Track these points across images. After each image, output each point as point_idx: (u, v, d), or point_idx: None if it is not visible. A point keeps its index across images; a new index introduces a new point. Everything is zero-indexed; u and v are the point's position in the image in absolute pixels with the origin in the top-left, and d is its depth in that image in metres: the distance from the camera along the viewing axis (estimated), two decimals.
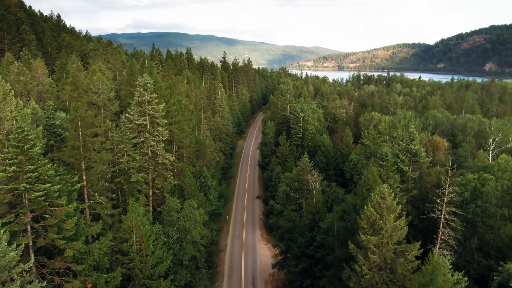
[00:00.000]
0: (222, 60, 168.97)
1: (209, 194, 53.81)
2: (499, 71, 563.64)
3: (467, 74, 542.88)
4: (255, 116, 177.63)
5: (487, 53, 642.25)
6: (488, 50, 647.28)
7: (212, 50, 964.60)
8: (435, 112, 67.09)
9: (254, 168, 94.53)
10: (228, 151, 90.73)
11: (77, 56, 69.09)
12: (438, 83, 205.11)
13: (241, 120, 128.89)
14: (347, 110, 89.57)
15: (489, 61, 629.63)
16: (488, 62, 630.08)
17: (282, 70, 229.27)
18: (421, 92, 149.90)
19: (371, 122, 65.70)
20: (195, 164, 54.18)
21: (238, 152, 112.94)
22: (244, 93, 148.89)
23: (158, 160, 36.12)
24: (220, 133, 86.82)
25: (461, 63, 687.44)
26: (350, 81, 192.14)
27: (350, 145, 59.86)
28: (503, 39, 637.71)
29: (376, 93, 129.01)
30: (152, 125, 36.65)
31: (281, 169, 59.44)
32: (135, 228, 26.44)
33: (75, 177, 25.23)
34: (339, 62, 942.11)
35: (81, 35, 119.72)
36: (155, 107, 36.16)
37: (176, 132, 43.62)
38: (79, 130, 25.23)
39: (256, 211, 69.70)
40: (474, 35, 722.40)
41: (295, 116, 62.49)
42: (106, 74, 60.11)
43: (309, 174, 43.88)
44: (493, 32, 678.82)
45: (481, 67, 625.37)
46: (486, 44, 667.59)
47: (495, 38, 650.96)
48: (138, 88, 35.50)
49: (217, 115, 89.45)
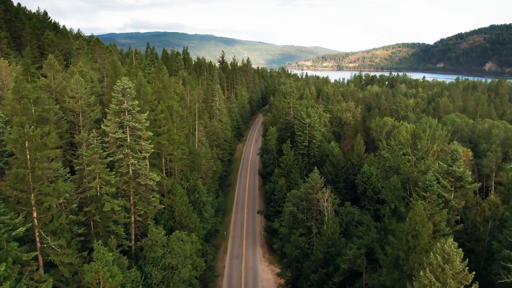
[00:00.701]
0: (221, 60, 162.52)
1: (204, 212, 47.55)
2: (499, 71, 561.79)
3: (467, 74, 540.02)
4: (255, 118, 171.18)
5: (486, 53, 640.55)
6: (488, 49, 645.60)
7: (210, 50, 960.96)
8: (454, 117, 60.92)
9: (254, 175, 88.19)
10: (226, 157, 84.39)
11: (61, 55, 62.57)
12: (443, 83, 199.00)
13: (240, 123, 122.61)
14: (353, 114, 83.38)
15: (489, 61, 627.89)
16: (488, 62, 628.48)
17: (282, 70, 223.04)
18: (427, 93, 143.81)
19: (383, 128, 59.51)
20: (188, 177, 47.94)
21: (237, 157, 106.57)
22: (243, 94, 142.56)
23: (141, 181, 29.74)
24: (218, 138, 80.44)
25: (460, 63, 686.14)
26: (352, 82, 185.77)
27: (362, 155, 53.67)
28: (502, 38, 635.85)
29: (382, 95, 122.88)
30: (133, 139, 30.28)
31: (285, 182, 53.21)
32: (103, 280, 20.08)
33: (20, 215, 18.83)
34: (338, 62, 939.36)
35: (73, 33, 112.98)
36: (136, 117, 29.78)
37: (165, 143, 37.29)
38: (26, 153, 18.84)
39: (257, 226, 63.36)
40: (473, 34, 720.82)
41: (300, 122, 56.22)
42: (89, 76, 53.64)
43: (319, 192, 37.64)
44: (492, 32, 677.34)
45: (480, 66, 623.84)
46: (485, 43, 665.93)
47: (495, 37, 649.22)
48: (115, 94, 29.13)
49: (214, 118, 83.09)
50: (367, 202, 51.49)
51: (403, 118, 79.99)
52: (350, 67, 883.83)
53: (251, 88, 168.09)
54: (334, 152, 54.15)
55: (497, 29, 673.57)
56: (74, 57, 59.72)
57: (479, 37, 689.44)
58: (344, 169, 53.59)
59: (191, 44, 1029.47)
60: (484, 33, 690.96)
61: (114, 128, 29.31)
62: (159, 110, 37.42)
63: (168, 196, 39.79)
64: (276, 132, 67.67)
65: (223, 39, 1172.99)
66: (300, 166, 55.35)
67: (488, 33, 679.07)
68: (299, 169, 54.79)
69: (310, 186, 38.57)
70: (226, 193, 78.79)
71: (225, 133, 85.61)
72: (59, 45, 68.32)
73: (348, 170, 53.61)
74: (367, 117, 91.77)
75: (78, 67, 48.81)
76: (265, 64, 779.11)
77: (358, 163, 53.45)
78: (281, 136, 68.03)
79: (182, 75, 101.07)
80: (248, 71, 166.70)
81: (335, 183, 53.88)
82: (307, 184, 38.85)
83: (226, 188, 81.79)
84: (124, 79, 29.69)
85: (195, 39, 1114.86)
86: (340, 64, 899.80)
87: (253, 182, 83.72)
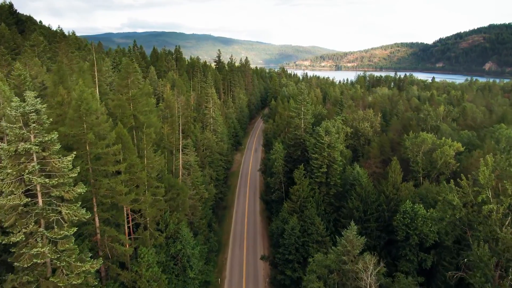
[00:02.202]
0: (217, 60, 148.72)
1: (189, 270, 34.33)
2: (499, 70, 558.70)
3: (467, 73, 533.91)
4: (254, 122, 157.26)
5: (486, 53, 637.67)
6: (488, 49, 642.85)
7: (208, 49, 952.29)
8: (508, 131, 47.92)
9: (255, 196, 74.81)
10: (222, 175, 70.98)
11: (7, 53, 48.78)
12: (453, 84, 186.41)
13: (238, 130, 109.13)
14: (372, 123, 70.13)
15: (488, 61, 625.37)
16: (487, 61, 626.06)
17: (282, 70, 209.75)
18: (442, 97, 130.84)
19: (421, 147, 46.49)
20: (167, 221, 34.73)
21: (235, 170, 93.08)
22: (241, 97, 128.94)
23: (59, 283, 16.29)
24: (212, 153, 66.96)
25: (460, 62, 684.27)
26: (358, 83, 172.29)
27: (399, 186, 40.72)
28: (502, 38, 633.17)
29: (396, 98, 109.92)
30: (48, 202, 16.88)
31: (297, 221, 40.04)
32: None
33: None
34: (336, 62, 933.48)
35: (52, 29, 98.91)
36: (52, 165, 16.41)
37: (121, 189, 23.91)
38: None
39: (260, 271, 49.98)
40: (473, 34, 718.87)
41: (317, 142, 42.92)
42: (38, 82, 40.05)
43: (360, 261, 24.54)
44: (492, 31, 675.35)
45: (480, 66, 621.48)
46: (485, 43, 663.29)
47: (494, 37, 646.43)
48: (9, 125, 15.75)
49: (207, 129, 69.64)
50: (408, 250, 38.60)
51: (432, 129, 67.06)
52: (348, 67, 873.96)
53: (250, 90, 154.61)
54: (362, 181, 41.15)
55: (496, 28, 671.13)
56: (24, 56, 45.99)
57: (478, 37, 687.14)
58: (375, 204, 40.60)
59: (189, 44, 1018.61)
60: (483, 33, 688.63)
61: (9, 186, 15.88)
62: (113, 136, 24.03)
63: (131, 264, 26.37)
64: (283, 149, 54.39)
65: (221, 39, 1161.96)
66: (317, 199, 42.17)
67: (487, 33, 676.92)
68: (315, 203, 41.66)
69: (345, 251, 25.38)
70: (221, 219, 65.45)
71: (220, 146, 72.21)
72: (11, 40, 54.48)
73: (381, 206, 40.65)
74: (385, 127, 78.72)
75: (17, 69, 35.22)
76: (263, 64, 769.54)
77: (394, 196, 40.56)
78: (289, 155, 54.73)
79: (171, 77, 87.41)
80: (246, 71, 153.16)
81: (363, 222, 40.77)
82: (339, 248, 25.68)
83: (222, 212, 68.41)
84: (29, 94, 16.31)
85: (193, 39, 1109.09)
86: (339, 64, 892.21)
87: (253, 206, 70.36)
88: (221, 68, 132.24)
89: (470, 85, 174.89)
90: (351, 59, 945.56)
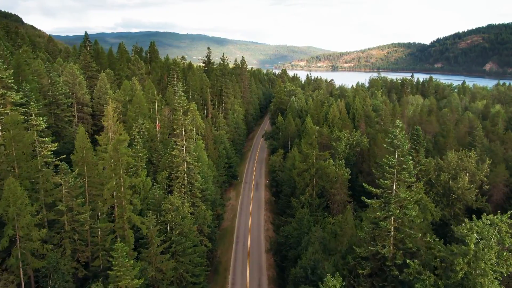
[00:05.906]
0: (206, 61, 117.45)
1: None
2: (500, 71, 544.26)
3: (467, 74, 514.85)
4: (252, 137, 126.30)
5: (486, 53, 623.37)
6: (487, 49, 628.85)
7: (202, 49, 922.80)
8: None
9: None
10: (197, 261, 40.31)
11: None
12: (487, 89, 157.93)
13: (232, 157, 78.62)
14: (473, 175, 40.53)
15: (489, 61, 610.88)
16: (488, 62, 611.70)
17: (284, 72, 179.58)
18: (495, 107, 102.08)
19: None
20: None
21: (227, 227, 61.79)
22: (237, 109, 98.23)
23: None
24: (180, 236, 36.35)
25: (459, 63, 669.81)
26: (376, 88, 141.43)
27: None
28: (502, 38, 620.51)
29: (447, 116, 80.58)
30: None
31: None
32: None
33: None
34: (332, 62, 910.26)
35: None
36: None
37: None
38: None
39: None
40: (471, 34, 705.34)
41: None
42: None
43: None
44: (491, 31, 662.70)
45: (481, 67, 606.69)
46: (484, 43, 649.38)
47: (494, 37, 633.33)
48: None
49: (177, 187, 38.73)
50: None
51: None
52: (345, 67, 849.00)
53: (247, 98, 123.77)
54: None
55: (495, 28, 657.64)
56: None
57: (477, 37, 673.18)
58: None
59: (183, 44, 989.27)
60: (482, 33, 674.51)
61: None
62: None
63: None
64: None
65: (215, 39, 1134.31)
66: None
67: (486, 33, 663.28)
68: None
69: None
70: None
71: (199, 213, 41.52)
72: None
73: None
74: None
75: None
76: (258, 64, 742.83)
77: None
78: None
79: (128, 87, 56.05)
80: (243, 74, 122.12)
81: None
82: None
83: None
84: None
85: (187, 39, 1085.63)
86: (335, 64, 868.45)
87: None
88: (210, 71, 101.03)
89: (507, 89, 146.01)
90: (347, 59, 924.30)
